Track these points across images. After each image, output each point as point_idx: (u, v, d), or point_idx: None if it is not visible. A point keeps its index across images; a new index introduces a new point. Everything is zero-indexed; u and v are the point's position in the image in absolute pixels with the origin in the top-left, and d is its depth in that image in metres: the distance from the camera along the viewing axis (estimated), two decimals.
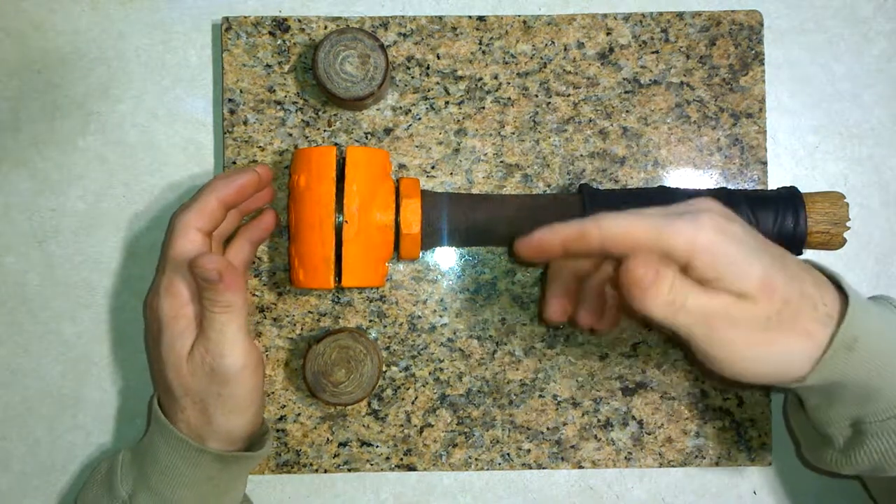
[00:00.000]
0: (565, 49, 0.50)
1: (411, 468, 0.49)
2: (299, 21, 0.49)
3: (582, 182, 0.50)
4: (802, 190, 0.46)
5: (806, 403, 0.41)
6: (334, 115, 0.49)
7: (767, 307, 0.35)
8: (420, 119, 0.50)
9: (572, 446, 0.50)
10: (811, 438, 0.42)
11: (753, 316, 0.35)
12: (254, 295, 0.49)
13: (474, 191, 0.50)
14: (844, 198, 0.46)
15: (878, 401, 0.37)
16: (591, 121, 0.50)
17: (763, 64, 0.50)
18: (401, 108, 0.50)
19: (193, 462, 0.42)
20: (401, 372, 0.49)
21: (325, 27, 0.49)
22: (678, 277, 0.35)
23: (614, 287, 0.42)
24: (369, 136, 0.50)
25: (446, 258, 0.50)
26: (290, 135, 0.49)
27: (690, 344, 0.37)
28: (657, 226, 0.35)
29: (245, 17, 0.49)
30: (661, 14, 0.50)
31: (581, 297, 0.43)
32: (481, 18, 0.50)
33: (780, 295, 0.36)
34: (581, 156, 0.50)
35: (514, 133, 0.50)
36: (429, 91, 0.50)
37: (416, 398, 0.49)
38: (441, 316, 0.49)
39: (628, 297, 0.35)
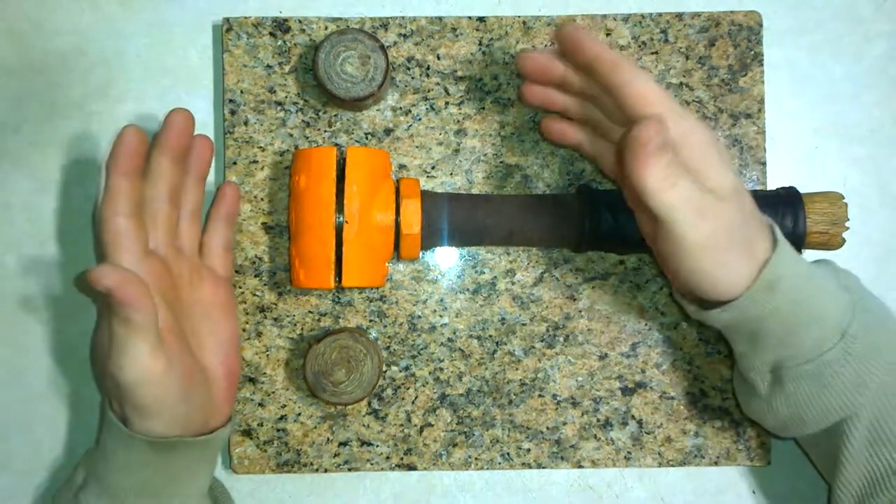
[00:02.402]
0: None
1: (411, 468, 0.50)
2: (300, 22, 0.49)
3: (581, 182, 0.50)
4: (802, 190, 0.46)
5: (734, 351, 0.44)
6: (335, 115, 0.49)
7: (737, 213, 0.38)
8: (420, 119, 0.50)
9: (572, 446, 0.50)
10: (742, 387, 0.45)
11: (726, 216, 0.38)
12: (254, 295, 0.49)
13: (474, 191, 0.50)
14: (843, 198, 0.46)
15: (796, 346, 0.40)
16: None
17: (762, 64, 0.50)
18: (401, 108, 0.50)
19: (126, 446, 0.40)
20: (401, 372, 0.49)
21: (326, 28, 0.49)
22: (675, 158, 0.37)
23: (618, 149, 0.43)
24: (369, 137, 0.50)
25: (446, 258, 0.50)
26: (291, 135, 0.49)
27: (664, 228, 0.38)
28: (673, 102, 0.39)
29: (245, 18, 0.49)
30: (660, 15, 0.50)
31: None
32: (481, 19, 0.50)
33: (746, 206, 0.39)
34: (581, 156, 0.50)
35: (514, 133, 0.50)
36: (429, 91, 0.50)
37: (416, 398, 0.50)
38: (441, 316, 0.50)
39: (631, 158, 0.37)
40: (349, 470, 0.49)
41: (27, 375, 0.50)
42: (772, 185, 0.50)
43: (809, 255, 0.50)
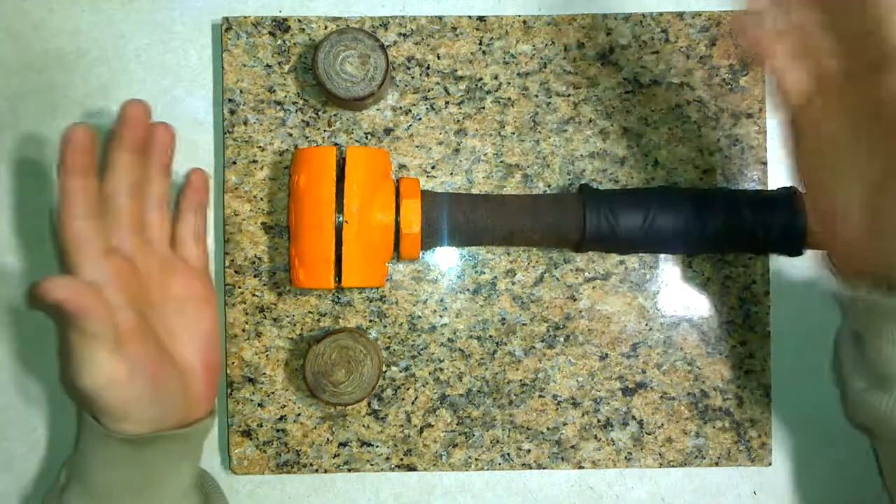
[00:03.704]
0: (565, 49, 0.50)
1: (411, 468, 0.50)
2: (299, 21, 0.49)
3: (582, 182, 0.50)
4: (802, 190, 0.46)
5: (880, 335, 0.35)
6: (334, 115, 0.49)
7: None
8: (420, 119, 0.50)
9: (572, 446, 0.50)
10: (866, 379, 0.37)
11: None
12: (253, 295, 0.49)
13: (474, 191, 0.50)
14: None
15: None
16: (591, 121, 0.50)
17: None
18: (401, 108, 0.50)
19: (103, 444, 0.40)
20: (401, 372, 0.49)
21: (325, 27, 0.49)
22: None
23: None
24: (369, 136, 0.50)
25: (446, 258, 0.50)
26: (291, 135, 0.49)
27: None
28: None
29: (245, 18, 0.49)
30: (661, 14, 0.50)
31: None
32: (481, 18, 0.50)
33: None
34: (581, 156, 0.50)
35: (514, 133, 0.50)
36: (429, 91, 0.50)
37: (416, 398, 0.49)
38: (441, 316, 0.49)
39: None
40: (349, 470, 0.49)
41: (27, 376, 0.50)
42: (773, 184, 0.50)
43: (810, 254, 0.49)
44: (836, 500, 0.51)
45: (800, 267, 0.50)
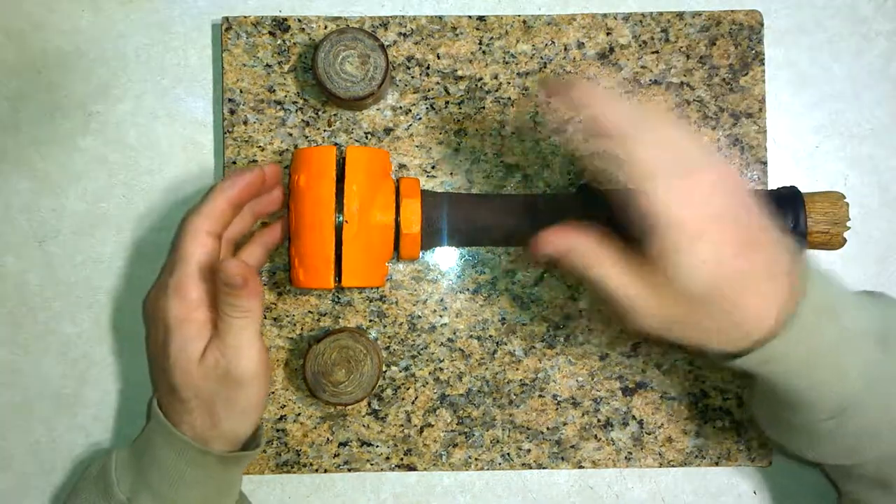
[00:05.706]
0: (565, 49, 0.50)
1: (411, 468, 0.50)
2: (299, 21, 0.49)
3: (582, 182, 0.50)
4: (802, 190, 0.46)
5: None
6: (334, 114, 0.49)
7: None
8: (420, 119, 0.50)
9: (572, 446, 0.50)
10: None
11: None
12: None
13: (474, 191, 0.50)
14: (844, 198, 0.46)
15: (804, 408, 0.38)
16: None
17: (763, 64, 0.50)
18: (401, 107, 0.50)
19: (196, 463, 0.41)
20: (401, 372, 0.49)
21: (325, 27, 0.49)
22: None
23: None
24: (369, 136, 0.50)
25: (446, 258, 0.50)
26: (290, 135, 0.49)
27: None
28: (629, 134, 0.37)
29: (245, 17, 0.49)
30: (661, 14, 0.50)
31: None
32: (481, 18, 0.50)
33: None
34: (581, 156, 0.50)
35: (514, 133, 0.50)
36: (429, 91, 0.50)
37: (416, 398, 0.49)
38: (441, 316, 0.49)
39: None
40: (349, 470, 0.49)
41: (27, 375, 0.50)
42: (773, 184, 0.50)
43: (811, 255, 0.49)
44: (835, 499, 0.51)
45: None
